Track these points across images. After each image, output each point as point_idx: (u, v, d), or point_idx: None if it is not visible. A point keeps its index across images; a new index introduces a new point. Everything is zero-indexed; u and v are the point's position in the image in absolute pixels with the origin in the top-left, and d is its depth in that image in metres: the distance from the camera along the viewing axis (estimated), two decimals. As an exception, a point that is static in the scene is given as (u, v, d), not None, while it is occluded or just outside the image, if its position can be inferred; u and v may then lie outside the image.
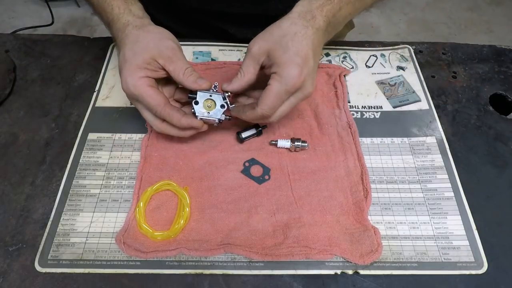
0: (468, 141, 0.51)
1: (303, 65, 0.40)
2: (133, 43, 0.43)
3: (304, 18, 0.42)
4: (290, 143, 0.47)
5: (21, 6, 1.95)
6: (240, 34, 0.62)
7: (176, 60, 0.43)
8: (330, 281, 0.40)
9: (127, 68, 0.42)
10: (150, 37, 0.43)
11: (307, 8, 0.43)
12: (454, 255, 0.41)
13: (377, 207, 0.44)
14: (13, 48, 0.60)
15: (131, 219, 0.42)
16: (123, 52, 0.43)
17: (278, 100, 0.40)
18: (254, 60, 0.42)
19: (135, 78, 0.42)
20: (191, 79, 0.43)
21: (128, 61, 0.42)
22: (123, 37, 0.44)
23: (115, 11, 0.46)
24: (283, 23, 0.42)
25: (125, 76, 0.42)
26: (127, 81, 0.42)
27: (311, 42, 0.41)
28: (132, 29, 0.44)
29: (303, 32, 0.41)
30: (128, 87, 0.42)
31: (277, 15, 0.61)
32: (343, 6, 0.44)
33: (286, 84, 0.39)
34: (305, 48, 0.40)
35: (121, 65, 0.43)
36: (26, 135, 0.50)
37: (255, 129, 0.49)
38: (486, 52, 0.61)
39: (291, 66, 0.39)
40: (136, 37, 0.43)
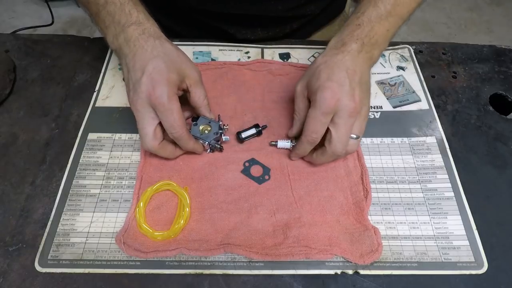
0: (468, 141, 0.51)
1: (335, 87, 0.41)
2: (168, 55, 0.43)
3: (334, 47, 0.45)
4: (290, 144, 0.47)
5: (21, 6, 1.95)
6: (240, 34, 0.62)
7: (201, 86, 0.46)
8: (330, 281, 0.40)
9: (162, 77, 0.41)
10: (184, 58, 0.45)
11: (337, 39, 0.46)
12: (454, 255, 0.41)
13: (377, 207, 0.44)
14: (13, 48, 0.60)
15: (131, 219, 0.42)
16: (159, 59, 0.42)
17: (318, 123, 0.41)
18: (301, 96, 0.46)
19: (171, 92, 0.41)
20: (207, 108, 0.47)
21: (162, 71, 0.41)
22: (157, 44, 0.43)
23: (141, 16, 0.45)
24: (318, 57, 0.45)
25: (161, 85, 0.40)
26: (163, 91, 0.40)
27: (343, 65, 0.42)
28: (166, 42, 0.44)
29: (333, 58, 0.43)
30: (162, 97, 0.40)
31: (276, 16, 0.62)
32: (374, 25, 0.45)
33: (320, 107, 0.41)
34: (336, 72, 0.42)
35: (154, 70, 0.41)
36: (26, 135, 0.50)
37: (255, 129, 0.49)
38: (486, 52, 0.61)
39: (323, 90, 0.41)
40: (170, 51, 0.43)
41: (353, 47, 0.44)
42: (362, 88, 0.43)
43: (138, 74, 0.41)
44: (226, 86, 0.55)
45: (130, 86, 0.42)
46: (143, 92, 0.40)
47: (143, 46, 0.43)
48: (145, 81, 0.40)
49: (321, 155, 0.44)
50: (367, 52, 0.44)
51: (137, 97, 0.41)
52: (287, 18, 0.63)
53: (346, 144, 0.42)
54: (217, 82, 0.56)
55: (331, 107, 0.41)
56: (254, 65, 0.58)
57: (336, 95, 0.40)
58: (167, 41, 0.45)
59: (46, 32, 0.66)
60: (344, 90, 0.41)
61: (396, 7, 0.46)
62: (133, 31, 0.44)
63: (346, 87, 0.41)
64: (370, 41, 0.45)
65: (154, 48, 0.43)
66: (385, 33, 0.46)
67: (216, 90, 0.55)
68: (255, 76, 0.57)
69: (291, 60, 0.59)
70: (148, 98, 0.40)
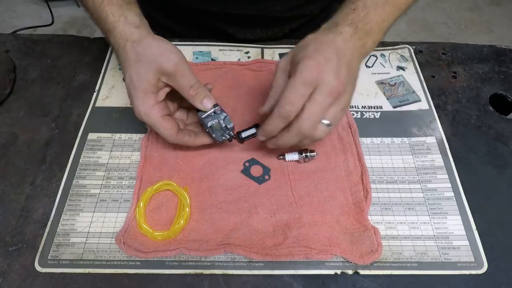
0: (468, 141, 0.51)
1: (322, 59, 0.37)
2: (136, 64, 0.41)
3: (327, 29, 0.42)
4: (298, 156, 0.47)
5: (21, 6, 1.95)
6: (239, 34, 0.62)
7: (180, 76, 0.41)
8: (330, 281, 0.40)
9: (136, 95, 0.41)
10: (150, 54, 0.41)
11: (331, 21, 0.43)
12: (454, 255, 0.41)
13: (377, 207, 0.44)
14: (13, 48, 0.60)
15: (131, 219, 0.42)
16: (129, 74, 0.42)
17: (295, 93, 0.37)
18: (282, 72, 0.42)
19: (146, 108, 0.41)
20: (197, 99, 0.42)
21: (135, 87, 0.41)
22: (125, 57, 0.42)
23: (110, 19, 0.43)
24: (308, 36, 0.42)
25: (137, 105, 0.41)
26: (139, 110, 0.41)
27: (333, 43, 0.39)
28: (131, 47, 0.42)
29: (324, 36, 0.40)
30: (140, 116, 0.42)
31: (275, 16, 0.62)
32: (370, 11, 0.43)
33: (301, 76, 0.37)
34: (325, 47, 0.39)
35: (129, 89, 0.42)
36: (26, 135, 0.50)
37: (255, 128, 0.49)
38: (486, 52, 0.61)
39: (307, 59, 0.37)
40: (136, 55, 0.41)
41: (346, 30, 0.41)
42: (349, 72, 0.39)
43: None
44: (226, 86, 0.55)
45: None
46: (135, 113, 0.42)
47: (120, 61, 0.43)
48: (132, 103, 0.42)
49: (285, 132, 0.39)
50: (360, 39, 0.41)
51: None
52: (286, 18, 0.63)
53: (315, 125, 0.38)
54: (217, 82, 0.56)
55: (312, 78, 0.37)
56: (254, 65, 0.58)
57: (321, 66, 0.37)
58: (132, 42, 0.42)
59: (46, 32, 0.66)
60: (330, 65, 0.37)
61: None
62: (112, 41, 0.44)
63: (333, 63, 0.37)
64: (364, 27, 0.42)
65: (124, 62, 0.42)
66: (380, 22, 0.44)
67: (216, 90, 0.54)
68: (255, 76, 0.57)
69: (291, 60, 0.59)
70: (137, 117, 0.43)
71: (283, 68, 0.42)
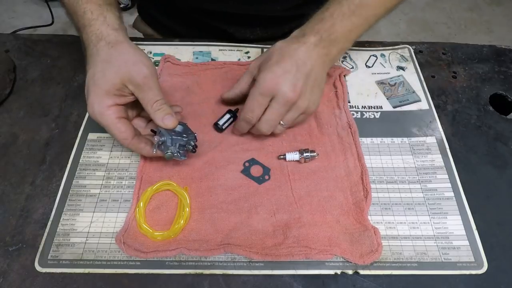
0: (468, 141, 0.51)
1: (278, 72, 0.42)
2: (104, 63, 0.40)
3: (295, 37, 0.46)
4: (299, 155, 0.47)
5: (21, 6, 1.95)
6: (239, 33, 0.62)
7: (147, 90, 0.41)
8: (330, 281, 0.40)
9: (95, 92, 0.40)
10: (123, 59, 0.40)
11: (300, 30, 0.47)
12: (454, 255, 0.41)
13: (377, 207, 0.44)
14: (13, 48, 0.60)
15: (131, 219, 0.42)
16: (93, 70, 0.41)
17: (255, 102, 0.43)
18: (248, 73, 0.48)
19: (103, 107, 0.40)
20: (158, 114, 0.41)
21: (97, 84, 0.40)
22: (94, 52, 0.41)
23: (87, 16, 0.43)
24: (277, 43, 0.46)
25: (92, 102, 0.40)
26: (93, 108, 0.40)
27: (295, 55, 0.43)
28: (105, 46, 0.41)
29: (288, 46, 0.44)
30: (94, 115, 0.40)
31: (275, 15, 0.62)
32: (336, 22, 0.45)
33: (259, 87, 0.42)
34: (286, 59, 0.43)
35: (88, 85, 0.41)
36: (26, 135, 0.50)
37: (229, 114, 0.50)
38: (486, 52, 0.61)
39: (265, 72, 0.42)
40: (108, 56, 0.41)
41: (310, 40, 0.44)
42: (307, 81, 0.43)
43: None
44: (226, 86, 0.55)
45: None
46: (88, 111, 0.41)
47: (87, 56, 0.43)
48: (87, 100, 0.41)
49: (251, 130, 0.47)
50: (323, 48, 0.44)
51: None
52: (286, 18, 0.63)
53: (273, 127, 0.45)
54: (217, 82, 0.56)
55: (268, 89, 0.42)
56: (254, 65, 0.58)
57: (277, 79, 0.41)
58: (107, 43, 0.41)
59: (46, 32, 0.66)
60: (287, 78, 0.41)
61: (361, 8, 0.46)
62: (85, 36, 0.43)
63: (290, 76, 0.42)
64: (329, 37, 0.44)
65: (91, 58, 0.42)
66: (346, 33, 0.46)
67: (216, 90, 0.54)
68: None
69: (291, 60, 0.59)
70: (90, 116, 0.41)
71: (251, 70, 0.48)
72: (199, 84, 0.55)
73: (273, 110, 0.43)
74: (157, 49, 0.60)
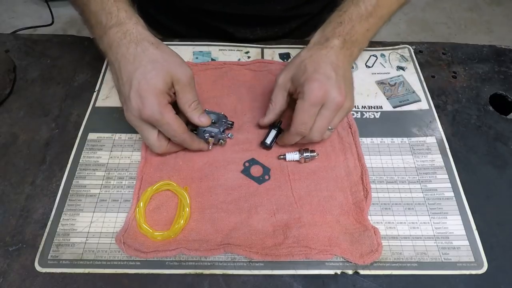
0: (468, 141, 0.51)
1: (323, 79, 0.42)
2: (154, 63, 0.41)
3: (318, 43, 0.46)
4: (299, 155, 0.47)
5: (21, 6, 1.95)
6: (239, 33, 0.62)
7: (190, 90, 0.43)
8: (330, 281, 0.40)
9: (151, 92, 0.40)
10: (170, 60, 0.42)
11: (321, 35, 0.47)
12: (454, 255, 0.41)
13: (377, 207, 0.44)
14: (13, 48, 0.60)
15: (131, 219, 0.42)
16: (142, 70, 0.40)
17: (306, 114, 0.42)
18: (281, 89, 0.46)
19: (162, 105, 0.40)
20: (196, 114, 0.44)
21: (151, 84, 0.40)
22: (139, 51, 0.41)
23: (122, 15, 0.42)
24: (301, 52, 0.46)
25: (150, 100, 0.39)
26: (153, 107, 0.39)
27: (328, 59, 0.43)
28: (149, 46, 0.41)
29: (318, 53, 0.44)
30: (154, 114, 0.40)
31: (275, 15, 0.62)
32: (355, 24, 0.46)
33: (309, 99, 0.41)
34: (323, 65, 0.43)
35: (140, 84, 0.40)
36: (26, 135, 0.50)
37: (274, 130, 0.48)
38: (486, 52, 0.61)
39: (310, 82, 0.42)
40: (156, 56, 0.41)
41: (335, 43, 0.45)
42: (346, 82, 0.44)
43: (126, 88, 0.40)
44: (226, 86, 0.55)
45: (122, 99, 0.42)
46: (134, 109, 0.40)
47: (125, 55, 0.41)
48: (133, 97, 0.40)
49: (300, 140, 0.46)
50: (347, 49, 0.46)
51: (130, 114, 0.41)
52: (286, 18, 0.63)
53: (323, 133, 0.44)
54: (217, 82, 0.56)
55: (319, 98, 0.41)
56: (254, 65, 0.58)
57: (324, 86, 0.41)
58: (151, 43, 0.42)
59: (46, 32, 0.66)
60: (331, 83, 0.42)
61: (377, 8, 0.47)
62: (114, 34, 0.42)
63: (333, 80, 0.42)
64: (351, 39, 0.46)
65: (136, 57, 0.41)
66: (364, 32, 0.47)
67: (216, 90, 0.55)
68: (255, 76, 0.57)
69: (291, 60, 0.59)
70: (140, 115, 0.40)
71: (282, 85, 0.46)
72: (199, 84, 0.55)
73: (323, 117, 0.43)
74: (157, 49, 0.60)
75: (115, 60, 0.42)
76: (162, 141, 0.44)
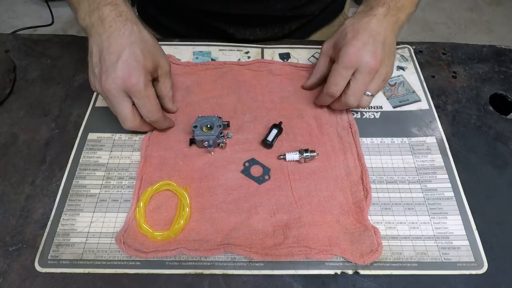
0: (468, 141, 0.51)
1: (359, 45, 0.44)
2: (143, 42, 0.43)
3: (363, 12, 0.48)
4: (299, 156, 0.47)
5: (21, 6, 1.95)
6: (239, 34, 0.62)
7: (169, 79, 0.48)
8: (330, 281, 0.40)
9: (138, 64, 0.42)
10: (158, 47, 0.46)
11: (365, 4, 0.49)
12: (454, 255, 0.41)
13: (377, 207, 0.44)
14: (13, 48, 0.60)
15: (131, 219, 0.42)
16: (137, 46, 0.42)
17: (339, 76, 0.45)
18: (324, 55, 0.51)
19: (146, 79, 0.43)
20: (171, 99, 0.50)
21: (139, 58, 0.42)
22: (135, 29, 0.43)
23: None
24: (347, 21, 0.49)
25: (138, 73, 0.41)
26: (139, 78, 0.41)
27: (368, 27, 0.46)
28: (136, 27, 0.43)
29: (360, 21, 0.47)
30: (138, 84, 0.41)
31: (275, 15, 0.62)
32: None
33: (342, 62, 0.45)
34: (361, 32, 0.45)
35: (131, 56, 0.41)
36: (26, 135, 0.50)
37: (275, 129, 0.49)
38: (486, 52, 0.61)
39: (346, 47, 0.45)
40: (148, 39, 0.44)
41: (379, 11, 0.47)
42: (384, 49, 0.46)
43: (113, 57, 0.41)
44: (226, 86, 0.55)
45: (103, 68, 0.42)
46: (118, 78, 0.41)
47: (120, 29, 0.42)
48: (120, 66, 0.41)
49: (336, 103, 0.49)
50: (392, 16, 0.48)
51: (111, 82, 0.41)
52: (286, 18, 0.63)
53: (359, 98, 0.47)
54: (217, 82, 0.56)
55: (352, 62, 0.44)
56: (254, 65, 0.58)
57: (359, 51, 0.44)
58: (143, 28, 0.45)
59: (46, 32, 0.66)
60: (367, 49, 0.44)
61: None
62: (110, 11, 0.43)
63: (369, 46, 0.44)
64: (396, 5, 0.48)
65: (132, 34, 0.42)
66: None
67: (216, 90, 0.55)
68: (255, 76, 0.57)
69: (291, 60, 0.59)
70: (124, 84, 0.41)
71: (326, 52, 0.51)
72: (199, 84, 0.55)
73: (358, 81, 0.45)
74: (157, 49, 0.60)
75: (104, 32, 0.42)
76: (136, 115, 0.45)
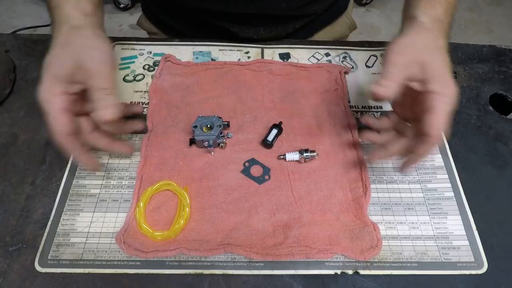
0: (468, 141, 0.51)
1: (452, 81, 0.39)
2: (61, 47, 0.39)
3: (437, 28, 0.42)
4: (299, 155, 0.47)
5: (21, 6, 1.95)
6: (243, 33, 0.62)
7: (96, 77, 0.38)
8: (330, 281, 0.40)
9: (45, 76, 0.38)
10: (79, 44, 0.39)
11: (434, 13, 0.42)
12: (454, 255, 0.41)
13: (377, 207, 0.44)
14: (13, 48, 0.60)
15: (131, 219, 0.42)
16: (50, 55, 0.39)
17: (442, 125, 0.38)
18: (400, 69, 0.39)
19: (51, 93, 0.38)
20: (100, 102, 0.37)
21: (49, 68, 0.38)
22: (56, 35, 0.40)
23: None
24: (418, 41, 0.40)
25: (41, 87, 0.38)
26: (41, 93, 0.38)
27: (446, 52, 0.41)
28: (66, 30, 0.39)
29: (441, 42, 0.41)
30: (40, 101, 0.38)
31: (279, 14, 0.62)
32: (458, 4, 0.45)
33: (453, 105, 0.38)
34: (444, 56, 0.40)
35: (45, 67, 0.39)
36: (26, 135, 0.50)
37: (275, 129, 0.49)
38: (486, 52, 0.61)
39: (452, 85, 0.38)
40: (66, 39, 0.39)
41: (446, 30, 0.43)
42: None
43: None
44: (226, 86, 0.55)
45: None
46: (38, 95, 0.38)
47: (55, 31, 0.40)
48: (40, 81, 0.38)
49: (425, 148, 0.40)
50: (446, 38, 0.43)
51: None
52: (290, 17, 0.63)
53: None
54: (217, 82, 0.56)
55: (454, 104, 0.38)
56: (254, 65, 0.58)
57: (455, 88, 0.38)
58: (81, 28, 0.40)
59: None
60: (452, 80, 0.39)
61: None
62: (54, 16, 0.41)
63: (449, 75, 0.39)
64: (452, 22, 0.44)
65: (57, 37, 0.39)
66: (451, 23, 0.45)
67: (216, 90, 0.55)
68: (255, 76, 0.57)
69: (291, 60, 0.59)
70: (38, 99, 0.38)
71: (402, 65, 0.40)
72: (199, 84, 0.55)
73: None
74: (157, 49, 0.60)
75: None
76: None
